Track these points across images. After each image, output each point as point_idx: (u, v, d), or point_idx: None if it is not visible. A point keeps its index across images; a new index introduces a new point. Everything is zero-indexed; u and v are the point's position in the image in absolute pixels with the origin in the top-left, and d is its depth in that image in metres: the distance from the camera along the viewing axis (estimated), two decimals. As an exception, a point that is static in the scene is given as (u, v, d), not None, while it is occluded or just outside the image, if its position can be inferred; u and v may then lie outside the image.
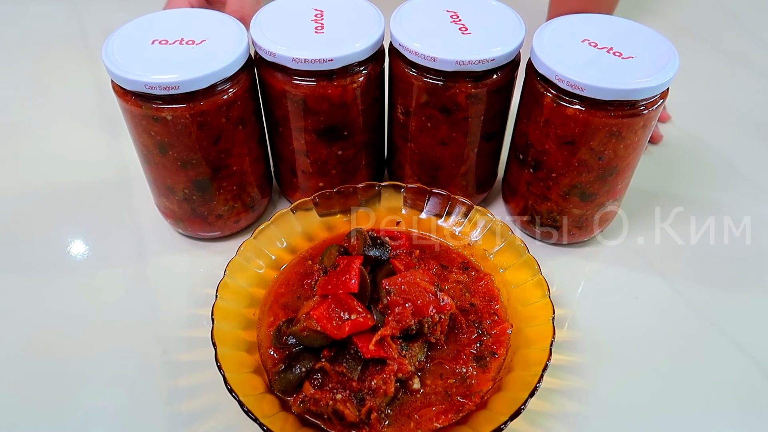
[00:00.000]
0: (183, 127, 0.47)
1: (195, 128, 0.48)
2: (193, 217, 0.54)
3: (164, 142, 0.48)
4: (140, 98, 0.46)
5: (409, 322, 0.43)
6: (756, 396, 0.47)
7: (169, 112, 0.46)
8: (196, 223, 0.55)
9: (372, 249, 0.48)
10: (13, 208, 0.60)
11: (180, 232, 0.57)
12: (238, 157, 0.52)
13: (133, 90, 0.46)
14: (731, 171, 0.66)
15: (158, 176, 0.52)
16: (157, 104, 0.46)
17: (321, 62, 0.47)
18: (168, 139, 0.48)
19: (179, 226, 0.56)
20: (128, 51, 0.47)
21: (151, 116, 0.46)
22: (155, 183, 0.53)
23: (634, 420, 0.45)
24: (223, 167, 0.51)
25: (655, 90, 0.45)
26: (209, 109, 0.47)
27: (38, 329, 0.50)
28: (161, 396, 0.46)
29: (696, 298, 0.53)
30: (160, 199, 0.55)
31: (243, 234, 0.58)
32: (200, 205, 0.53)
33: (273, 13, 0.51)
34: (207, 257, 0.56)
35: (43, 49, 0.82)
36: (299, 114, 0.51)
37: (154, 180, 0.53)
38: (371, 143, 0.57)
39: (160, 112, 0.46)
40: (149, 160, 0.51)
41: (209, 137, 0.49)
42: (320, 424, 0.42)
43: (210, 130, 0.48)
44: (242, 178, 0.54)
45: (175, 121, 0.47)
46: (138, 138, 0.49)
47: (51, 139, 0.68)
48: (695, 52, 0.82)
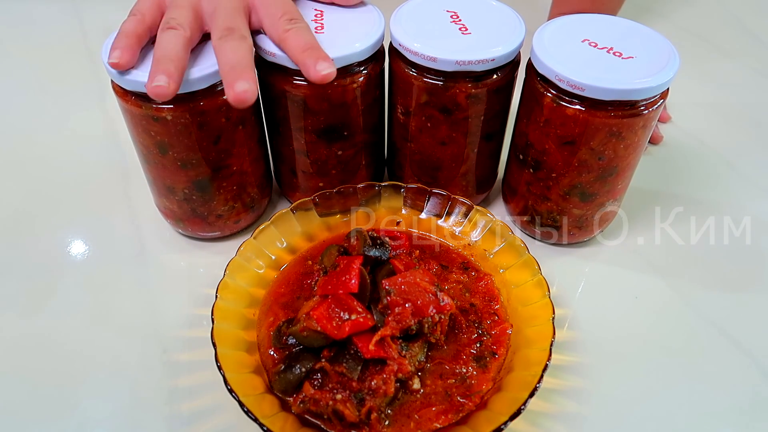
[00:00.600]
0: (183, 127, 0.47)
1: (195, 128, 0.48)
2: (193, 217, 0.54)
3: (164, 142, 0.48)
4: (140, 98, 0.46)
5: (409, 322, 0.43)
6: (756, 396, 0.47)
7: (169, 112, 0.46)
8: (196, 223, 0.55)
9: (372, 249, 0.48)
10: (13, 207, 0.61)
11: (180, 232, 0.57)
12: (238, 157, 0.52)
13: (133, 90, 0.46)
14: (731, 171, 0.66)
15: (158, 176, 0.52)
16: (157, 104, 0.46)
17: None
18: (168, 139, 0.48)
19: (179, 226, 0.56)
20: None
21: (151, 116, 0.46)
22: (155, 183, 0.53)
23: (634, 420, 0.45)
24: (223, 167, 0.51)
25: (655, 90, 0.45)
26: (209, 109, 0.47)
27: (38, 329, 0.50)
28: (161, 396, 0.46)
29: (696, 298, 0.53)
30: (160, 199, 0.55)
31: (243, 234, 0.58)
32: (200, 205, 0.53)
33: None
34: (207, 257, 0.56)
35: (43, 49, 0.82)
36: (299, 114, 0.51)
37: (154, 180, 0.53)
38: (371, 143, 0.57)
39: (160, 112, 0.46)
40: (149, 160, 0.51)
41: (209, 137, 0.49)
42: (320, 424, 0.42)
43: (210, 130, 0.48)
44: (242, 178, 0.54)
45: (175, 121, 0.47)
46: (138, 138, 0.49)
47: (51, 140, 0.68)
48: (695, 52, 0.83)
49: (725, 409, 0.46)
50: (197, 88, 0.46)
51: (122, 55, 0.45)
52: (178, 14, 0.46)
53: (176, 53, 0.44)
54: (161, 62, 0.43)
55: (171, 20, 0.45)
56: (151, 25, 0.47)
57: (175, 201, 0.53)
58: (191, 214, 0.54)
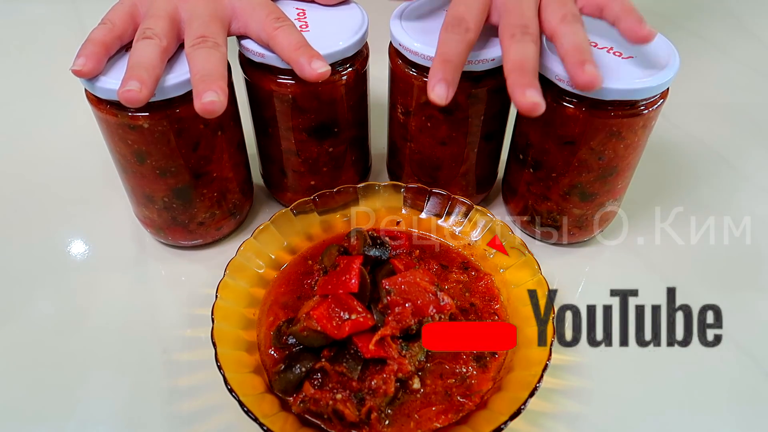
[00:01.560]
0: (160, 134, 0.46)
1: (173, 135, 0.47)
2: (174, 226, 0.54)
3: (142, 151, 0.47)
4: (115, 107, 0.45)
5: (409, 322, 0.43)
6: (756, 396, 0.47)
7: (146, 120, 0.45)
8: (177, 232, 0.54)
9: (372, 249, 0.48)
10: (13, 207, 0.61)
11: (161, 241, 0.57)
12: (218, 163, 0.51)
13: (108, 99, 0.45)
14: (731, 171, 0.66)
15: (137, 185, 0.51)
16: (133, 112, 0.45)
17: None
18: (145, 147, 0.47)
19: (159, 235, 0.55)
20: None
21: (127, 125, 0.46)
22: (134, 192, 0.52)
23: (634, 420, 0.45)
24: (203, 174, 0.51)
25: (655, 90, 0.45)
26: (186, 116, 0.46)
27: (38, 329, 0.50)
28: (161, 396, 0.46)
29: (696, 298, 0.53)
30: (139, 208, 0.54)
31: (226, 241, 0.57)
32: (181, 213, 0.53)
33: None
34: (207, 258, 0.56)
35: (42, 49, 0.82)
36: (288, 113, 0.51)
37: (132, 189, 0.52)
38: (359, 138, 0.57)
39: (137, 121, 0.45)
40: (127, 169, 0.50)
41: (188, 144, 0.48)
42: (320, 424, 0.42)
43: (188, 137, 0.48)
44: (223, 185, 0.53)
45: (152, 129, 0.46)
46: (114, 147, 0.49)
47: (50, 140, 0.68)
48: (695, 52, 0.82)
49: (725, 408, 0.46)
50: (174, 95, 0.45)
51: (86, 63, 0.44)
52: (155, 24, 0.45)
53: (150, 61, 0.43)
54: (134, 69, 0.42)
55: (147, 30, 0.45)
56: (121, 35, 0.46)
57: (154, 210, 0.52)
58: (171, 222, 0.53)
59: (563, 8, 0.45)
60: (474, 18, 0.45)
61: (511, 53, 0.44)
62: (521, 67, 0.42)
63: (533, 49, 0.44)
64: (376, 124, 0.61)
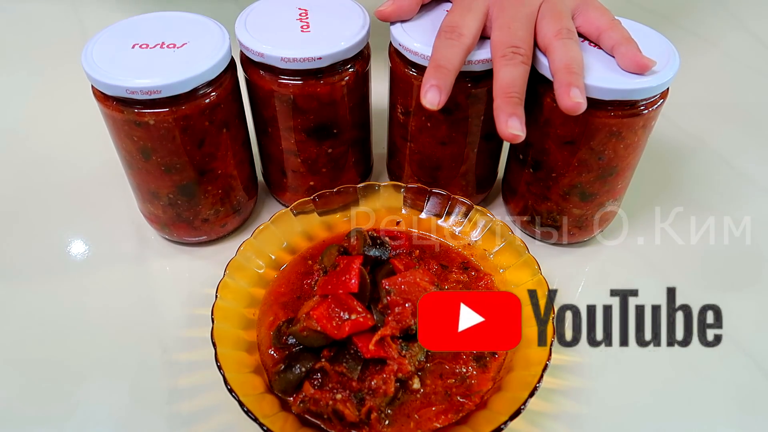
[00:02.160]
0: (166, 131, 0.46)
1: (178, 132, 0.47)
2: (179, 222, 0.54)
3: (147, 147, 0.48)
4: (121, 103, 0.45)
5: (409, 322, 0.43)
6: (756, 396, 0.47)
7: (152, 116, 0.45)
8: (182, 228, 0.54)
9: (372, 249, 0.48)
10: (13, 208, 0.60)
11: (166, 237, 0.57)
12: (222, 161, 0.51)
13: (114, 95, 0.45)
14: (731, 171, 0.66)
15: (142, 182, 0.51)
16: (139, 109, 0.45)
17: (309, 61, 0.47)
18: (151, 143, 0.47)
19: (165, 232, 0.55)
20: (108, 55, 0.46)
21: (133, 121, 0.46)
22: (139, 189, 0.53)
23: (634, 420, 0.45)
24: (208, 171, 0.51)
25: (655, 90, 0.45)
26: (192, 112, 0.46)
27: (38, 329, 0.50)
28: (161, 396, 0.46)
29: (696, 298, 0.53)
30: (144, 204, 0.54)
31: (230, 238, 0.58)
32: (185, 210, 0.53)
33: (258, 14, 0.51)
34: (207, 258, 0.56)
35: (42, 49, 0.82)
36: (288, 113, 0.51)
37: (137, 185, 0.52)
38: (360, 140, 0.57)
39: (143, 117, 0.45)
40: (132, 165, 0.50)
41: (193, 141, 0.48)
42: (320, 424, 0.42)
43: (194, 133, 0.48)
44: (228, 182, 0.53)
45: (157, 125, 0.46)
46: (120, 143, 0.49)
47: (50, 140, 0.68)
48: (695, 52, 0.82)
49: (725, 408, 0.46)
50: (179, 92, 0.45)
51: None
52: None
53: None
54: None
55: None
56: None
57: (159, 206, 0.53)
58: (176, 219, 0.53)
59: (559, 23, 0.46)
60: (468, 25, 0.46)
61: (499, 75, 0.44)
62: (507, 93, 0.44)
63: (522, 71, 0.44)
64: (378, 125, 0.61)
